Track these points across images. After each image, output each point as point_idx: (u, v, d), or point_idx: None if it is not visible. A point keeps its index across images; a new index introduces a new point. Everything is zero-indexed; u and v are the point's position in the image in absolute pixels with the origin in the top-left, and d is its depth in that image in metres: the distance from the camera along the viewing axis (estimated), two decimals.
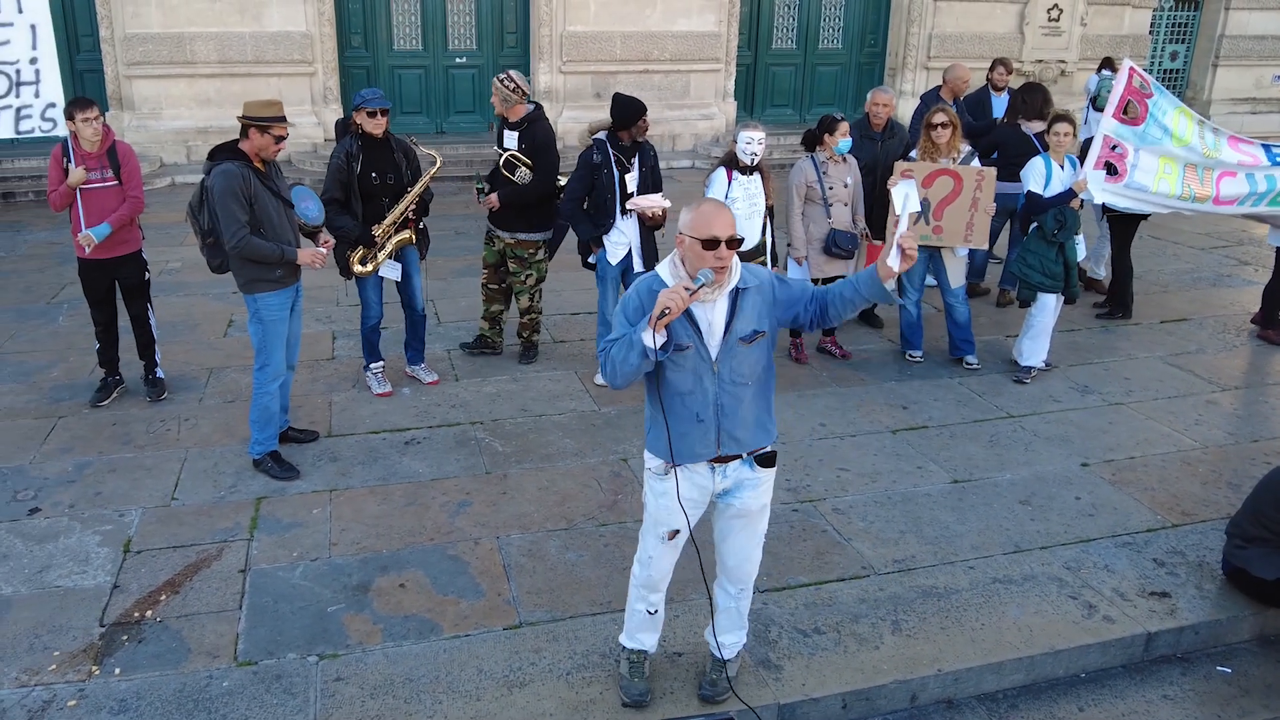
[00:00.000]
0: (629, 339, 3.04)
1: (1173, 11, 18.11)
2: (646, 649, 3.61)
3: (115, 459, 5.19)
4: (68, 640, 3.77)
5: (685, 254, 3.08)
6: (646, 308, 3.09)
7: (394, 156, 5.66)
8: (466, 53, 13.93)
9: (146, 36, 12.27)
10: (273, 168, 4.99)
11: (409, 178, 5.73)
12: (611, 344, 3.10)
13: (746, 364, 3.19)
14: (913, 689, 3.76)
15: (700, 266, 3.02)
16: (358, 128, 5.53)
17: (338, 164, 5.50)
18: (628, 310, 3.15)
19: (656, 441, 3.28)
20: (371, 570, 4.27)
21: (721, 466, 3.29)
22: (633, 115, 5.90)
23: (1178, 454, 5.51)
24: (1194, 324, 7.70)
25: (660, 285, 3.12)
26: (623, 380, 3.12)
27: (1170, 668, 4.02)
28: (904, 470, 5.24)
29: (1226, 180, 6.48)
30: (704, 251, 3.00)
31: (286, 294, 5.01)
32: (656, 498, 3.35)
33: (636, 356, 3.02)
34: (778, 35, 15.31)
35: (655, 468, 3.33)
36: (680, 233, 3.07)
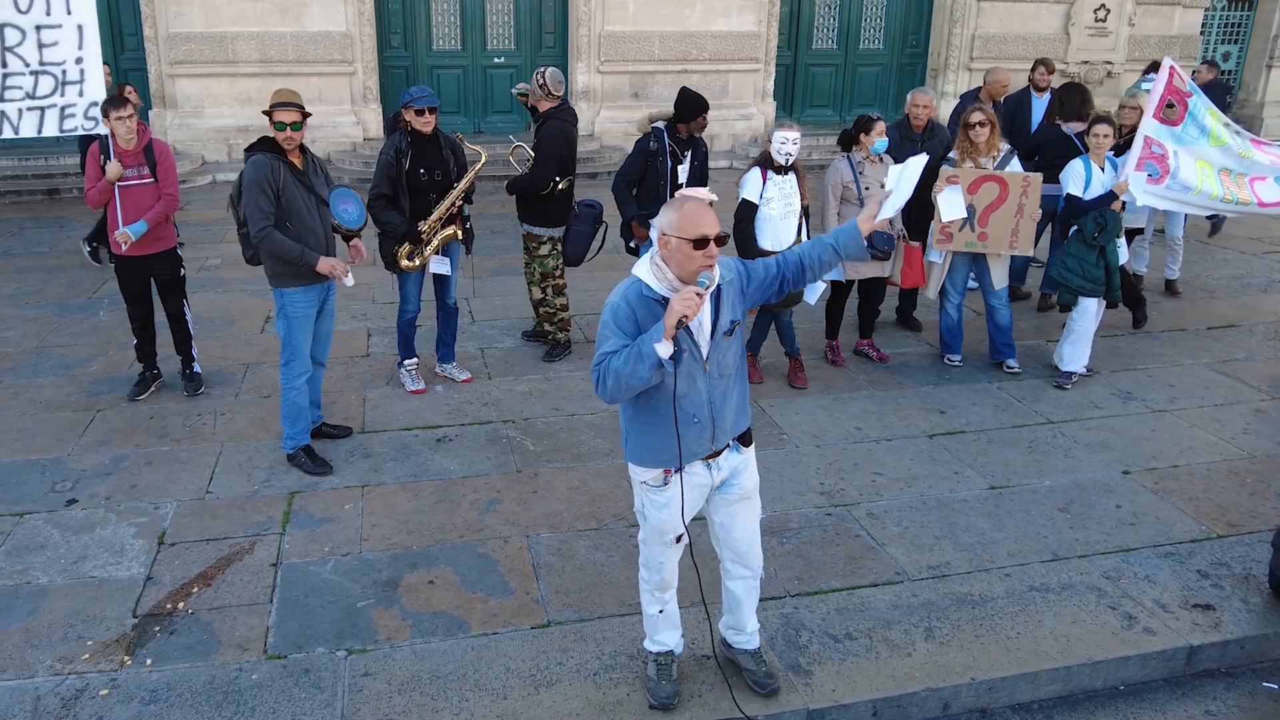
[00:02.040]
0: (636, 350, 2.91)
1: (1225, 11, 17.72)
2: (671, 649, 3.57)
3: (152, 452, 5.25)
4: (101, 630, 3.81)
5: (671, 255, 2.98)
6: (640, 317, 3.00)
7: (442, 153, 5.69)
8: (505, 52, 13.99)
9: (189, 36, 12.46)
10: (312, 164, 5.00)
11: (455, 174, 5.76)
12: (609, 357, 2.97)
13: (730, 356, 3.21)
14: (945, 697, 3.69)
15: (688, 267, 2.95)
16: (407, 125, 5.56)
17: (387, 160, 5.54)
18: (619, 321, 3.01)
19: (649, 452, 3.20)
20: (401, 566, 4.28)
21: (715, 460, 3.27)
22: (695, 110, 6.17)
23: (1224, 463, 5.36)
24: (1243, 330, 7.50)
25: (647, 291, 3.03)
26: (625, 394, 3.01)
27: (1214, 683, 3.90)
28: (940, 475, 5.15)
29: (1259, 184, 6.32)
30: (694, 251, 2.92)
31: (314, 291, 5.02)
32: (658, 510, 3.28)
33: (647, 369, 2.90)
34: (818, 35, 15.20)
35: (651, 479, 3.25)
36: (664, 233, 2.97)
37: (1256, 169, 6.36)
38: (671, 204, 3.06)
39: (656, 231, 3.01)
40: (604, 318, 3.08)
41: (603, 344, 3.03)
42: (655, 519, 3.31)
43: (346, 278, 5.00)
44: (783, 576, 4.24)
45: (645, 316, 3.01)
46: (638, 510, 3.41)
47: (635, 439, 3.24)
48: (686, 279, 2.97)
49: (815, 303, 6.21)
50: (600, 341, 3.05)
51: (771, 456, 5.28)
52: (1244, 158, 6.26)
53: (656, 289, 3.03)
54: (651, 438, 3.17)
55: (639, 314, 3.02)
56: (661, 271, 3.02)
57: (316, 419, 5.35)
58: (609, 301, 3.08)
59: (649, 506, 3.32)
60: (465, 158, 5.89)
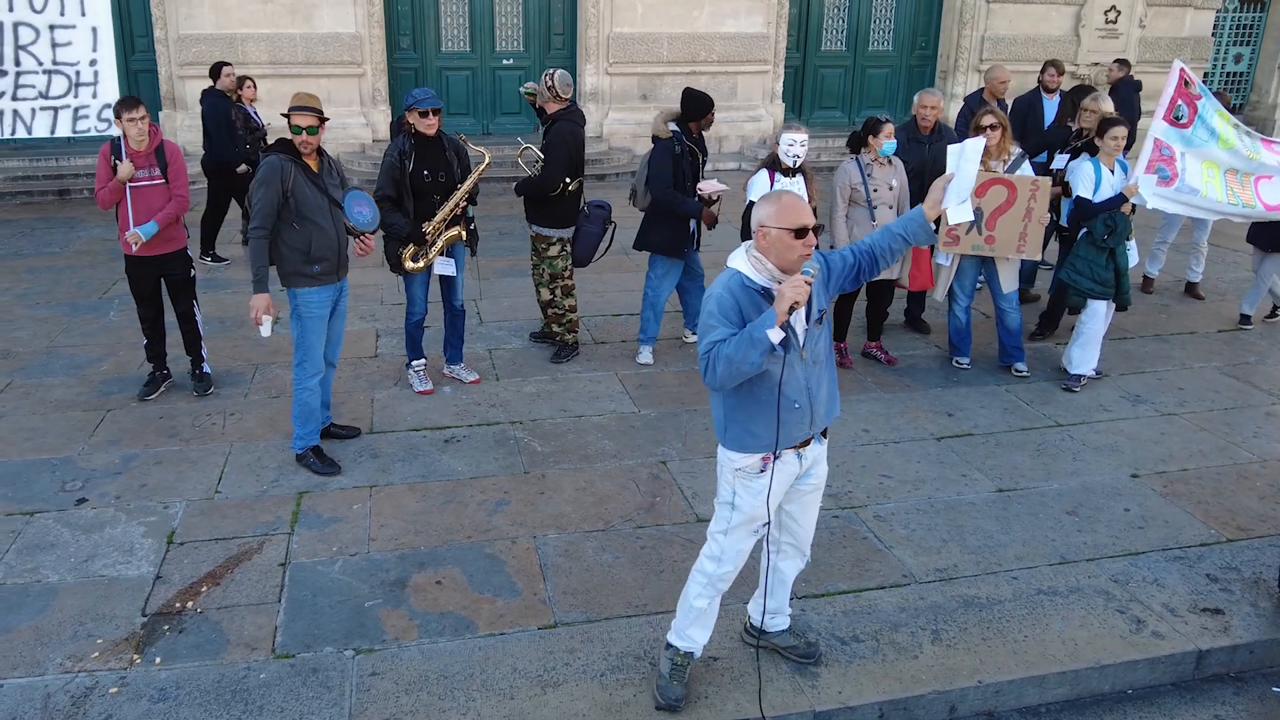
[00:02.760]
0: (747, 337, 3.01)
1: (1237, 13, 17.63)
2: (695, 650, 3.58)
3: (161, 452, 5.27)
4: (111, 629, 3.83)
5: (770, 245, 3.11)
6: (744, 306, 3.12)
7: (445, 155, 5.70)
8: (513, 54, 14.00)
9: (199, 37, 12.50)
10: (328, 167, 5.04)
11: (460, 175, 5.77)
12: (718, 344, 3.07)
13: (821, 344, 3.34)
14: (952, 700, 3.68)
15: (788, 256, 3.08)
16: (410, 127, 5.57)
17: (391, 162, 5.56)
18: (725, 310, 3.12)
19: (751, 439, 3.27)
20: (409, 566, 4.29)
21: (804, 450, 3.38)
22: (704, 108, 6.30)
23: (1234, 467, 5.34)
24: (1254, 333, 7.47)
25: (747, 282, 3.14)
26: (734, 380, 3.11)
27: (1223, 687, 3.88)
28: (948, 478, 5.14)
29: (1264, 184, 6.29)
30: (794, 241, 3.07)
31: (327, 292, 5.05)
32: (753, 496, 3.34)
33: (758, 355, 3.01)
34: (827, 37, 15.18)
35: (749, 466, 3.31)
36: (763, 225, 3.10)
37: (1262, 169, 6.33)
38: (769, 197, 3.17)
39: (754, 224, 3.13)
40: (708, 308, 3.16)
41: (709, 333, 3.12)
42: (749, 506, 3.36)
43: (263, 327, 5.01)
44: None
45: (749, 306, 3.12)
46: (725, 501, 3.41)
47: (736, 427, 3.30)
48: (786, 268, 3.10)
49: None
50: (706, 331, 3.14)
51: None
52: (1251, 159, 6.23)
53: (756, 279, 3.15)
54: (754, 424, 3.25)
55: (744, 305, 3.12)
56: (760, 263, 3.15)
57: (325, 420, 5.37)
58: (711, 293, 3.18)
59: (743, 494, 3.36)
60: (468, 159, 5.90)
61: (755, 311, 3.11)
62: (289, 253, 4.91)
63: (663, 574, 4.26)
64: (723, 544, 3.44)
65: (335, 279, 5.07)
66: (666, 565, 4.32)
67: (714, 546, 3.47)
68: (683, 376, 6.40)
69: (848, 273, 3.36)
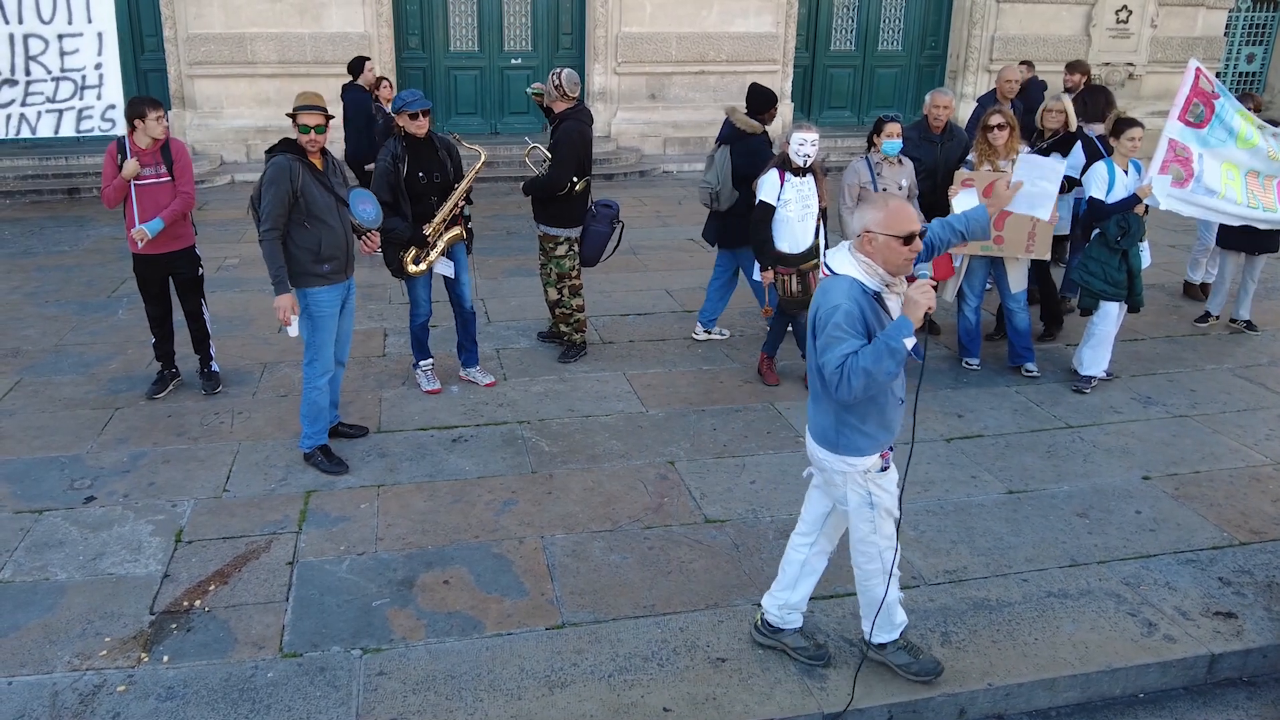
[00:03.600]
0: (885, 349, 3.02)
1: (1250, 12, 17.55)
2: (905, 625, 3.70)
3: (169, 450, 5.28)
4: (119, 627, 3.83)
5: (877, 250, 3.16)
6: (868, 315, 3.14)
7: (438, 155, 5.69)
8: (522, 54, 14.02)
9: (209, 37, 12.55)
10: (332, 165, 5.04)
11: (454, 175, 5.76)
12: (851, 357, 3.06)
13: None
14: (961, 703, 3.66)
15: (895, 260, 3.15)
16: (401, 130, 5.56)
17: (385, 166, 5.53)
18: (853, 322, 3.11)
19: (869, 441, 3.35)
20: (416, 566, 4.28)
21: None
22: (771, 102, 6.58)
23: (1246, 469, 5.30)
24: (1267, 335, 7.43)
25: (859, 288, 3.16)
26: (873, 391, 3.12)
27: (1235, 691, 3.85)
28: (957, 479, 5.12)
29: None
30: (901, 247, 3.12)
31: (337, 290, 5.05)
32: (888, 489, 3.45)
33: (897, 365, 3.04)
34: (836, 36, 15.17)
35: (873, 465, 3.39)
36: (869, 231, 3.15)
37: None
38: (874, 203, 3.22)
39: (858, 228, 3.19)
40: (834, 320, 3.12)
41: (837, 345, 3.10)
42: (886, 501, 3.45)
43: (290, 327, 4.97)
44: None
45: (869, 312, 3.17)
46: (862, 504, 3.45)
47: (850, 431, 3.34)
48: (894, 271, 3.18)
49: None
50: (832, 344, 3.11)
51: (788, 459, 5.26)
52: (1272, 159, 6.17)
53: (870, 284, 3.20)
54: (866, 425, 3.33)
55: (868, 313, 3.16)
56: (870, 267, 3.19)
57: (334, 419, 5.37)
58: (834, 304, 3.14)
59: (878, 492, 3.43)
60: (460, 158, 5.89)
61: (874, 317, 3.15)
62: (299, 253, 4.90)
63: (670, 575, 4.25)
64: (876, 542, 3.51)
65: (344, 277, 5.07)
66: (674, 566, 4.31)
67: (870, 548, 3.52)
68: (690, 377, 6.38)
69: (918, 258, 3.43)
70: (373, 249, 5.23)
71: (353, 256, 5.11)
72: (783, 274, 5.85)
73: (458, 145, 5.93)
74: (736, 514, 4.74)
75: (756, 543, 4.50)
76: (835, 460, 3.41)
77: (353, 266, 5.15)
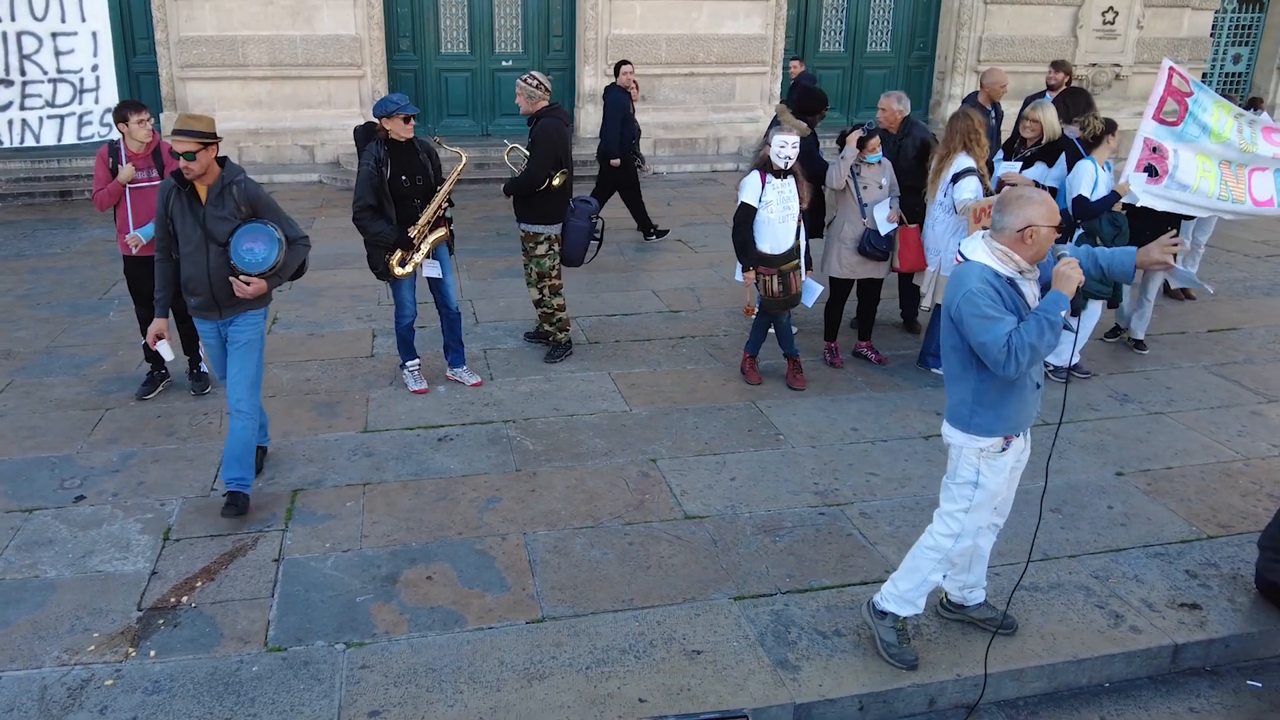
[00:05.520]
0: (1045, 322, 3.23)
1: (1236, 13, 17.67)
2: (918, 613, 3.84)
3: (159, 450, 5.35)
4: (107, 623, 3.91)
5: (1037, 242, 3.34)
6: (1004, 295, 3.34)
7: (420, 158, 5.76)
8: (513, 55, 14.09)
9: (200, 39, 12.60)
10: (223, 195, 4.45)
11: (434, 178, 5.84)
12: (1013, 334, 3.26)
13: None
14: (931, 693, 3.75)
15: (1045, 247, 3.36)
16: (385, 133, 5.63)
17: (369, 170, 5.58)
18: (997, 301, 3.31)
19: (999, 421, 3.51)
20: (400, 562, 4.36)
21: (1028, 431, 3.65)
22: (822, 103, 7.04)
23: (1217, 465, 5.40)
24: (1243, 334, 7.53)
25: (991, 273, 3.36)
26: (1037, 361, 3.33)
27: (1198, 680, 3.95)
28: (934, 476, 5.19)
29: (1258, 175, 6.31)
30: (1052, 234, 3.34)
31: (211, 325, 4.70)
32: (996, 475, 3.58)
33: (1057, 336, 3.25)
34: (825, 38, 15.26)
35: (991, 447, 3.54)
36: (1033, 225, 3.31)
37: (1257, 161, 6.34)
38: (1031, 200, 3.36)
39: (1021, 223, 3.32)
40: (978, 303, 3.31)
41: (994, 325, 3.29)
42: (992, 484, 3.59)
43: (163, 350, 4.73)
44: (774, 574, 4.31)
45: (1006, 295, 3.35)
46: (968, 481, 3.61)
47: (986, 411, 3.50)
48: (1037, 261, 3.39)
49: (813, 305, 6.27)
50: (987, 324, 3.29)
51: (768, 457, 5.35)
52: (1246, 150, 6.25)
53: (1003, 270, 3.38)
54: (1004, 407, 3.49)
55: (1004, 293, 3.35)
56: (1008, 256, 3.38)
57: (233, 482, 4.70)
58: (969, 289, 3.33)
59: (988, 473, 3.58)
60: (440, 161, 5.98)
61: (1009, 299, 3.34)
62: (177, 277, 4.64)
63: (649, 570, 4.33)
64: (964, 521, 3.66)
65: (215, 315, 4.63)
66: (653, 561, 4.40)
67: (954, 524, 3.68)
68: (675, 376, 6.47)
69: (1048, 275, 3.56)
70: (245, 293, 4.47)
71: (222, 299, 4.56)
72: (764, 274, 5.94)
73: (438, 148, 6.01)
74: (716, 510, 4.83)
75: (735, 538, 4.59)
76: (964, 438, 3.58)
77: (233, 308, 4.60)
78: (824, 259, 6.51)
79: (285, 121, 13.17)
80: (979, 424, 3.53)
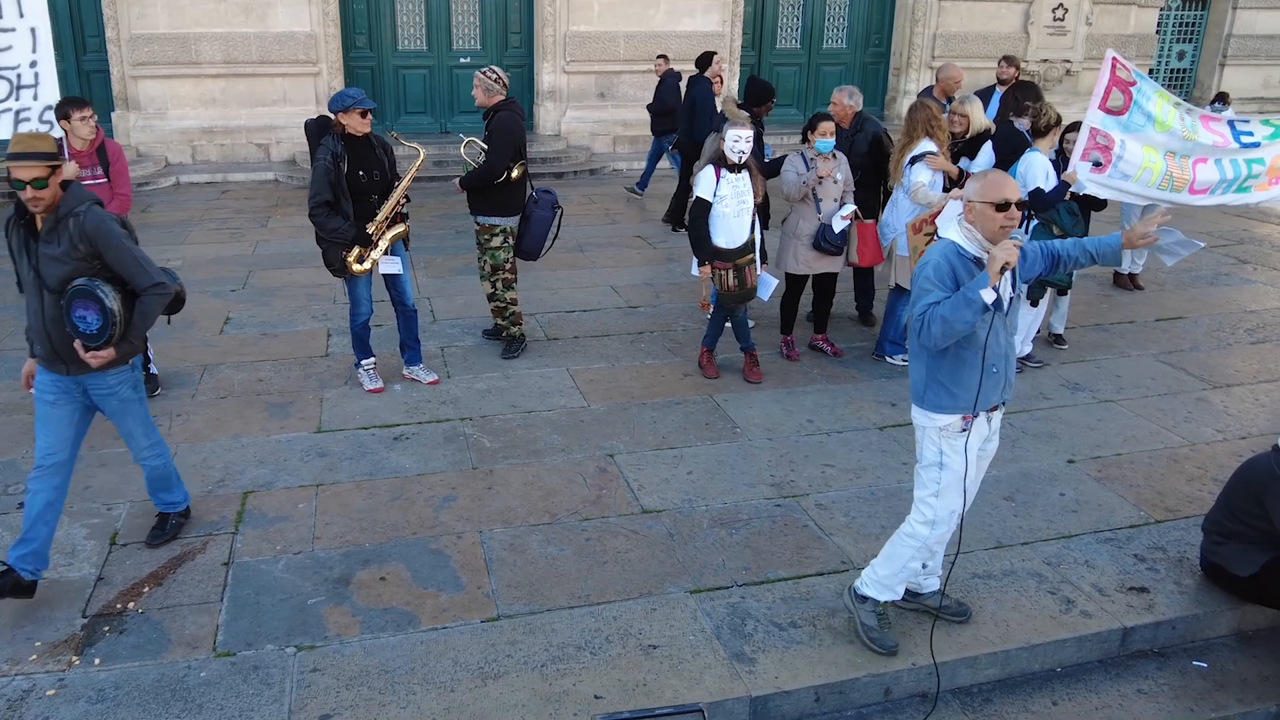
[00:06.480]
0: (963, 298, 3.27)
1: (1180, 11, 18.02)
2: (896, 599, 3.89)
3: (106, 454, 5.24)
4: (50, 631, 3.82)
5: (976, 218, 3.41)
6: (957, 270, 3.40)
7: (376, 153, 5.70)
8: (471, 53, 14.01)
9: (152, 37, 12.39)
10: (58, 228, 3.68)
11: (390, 173, 5.78)
12: (934, 306, 3.33)
13: (1015, 316, 3.65)
14: (886, 683, 3.77)
15: (990, 228, 3.37)
16: (341, 128, 5.56)
17: (325, 166, 5.51)
18: (940, 275, 3.39)
19: (951, 399, 3.54)
20: (353, 564, 4.31)
21: (993, 415, 3.67)
22: (768, 95, 7.44)
23: (1165, 451, 5.49)
24: (1189, 322, 7.67)
25: (962, 251, 3.43)
26: (947, 340, 3.36)
27: (1146, 662, 4.01)
28: (889, 466, 5.24)
29: (1200, 166, 6.41)
30: (995, 213, 3.35)
31: (57, 381, 3.95)
32: (959, 455, 3.58)
33: (972, 314, 3.27)
34: (782, 35, 15.33)
35: (950, 426, 3.57)
36: (969, 200, 3.42)
37: (1199, 150, 6.42)
38: (977, 176, 3.49)
39: (965, 199, 3.46)
40: (925, 274, 3.43)
41: (925, 296, 3.39)
42: (957, 465, 3.60)
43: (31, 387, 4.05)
44: (731, 567, 4.31)
45: (962, 273, 3.41)
46: (933, 463, 3.64)
47: (938, 388, 3.56)
48: (992, 239, 3.38)
49: (768, 299, 6.29)
50: (921, 295, 3.41)
51: (724, 450, 5.36)
52: (1188, 139, 6.34)
53: (968, 249, 3.44)
54: (956, 386, 3.52)
55: (957, 269, 3.41)
56: (971, 233, 3.44)
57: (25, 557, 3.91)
58: (927, 260, 3.45)
59: (950, 453, 3.60)
60: (396, 157, 5.92)
61: (968, 277, 3.38)
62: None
63: (606, 565, 4.32)
64: (935, 507, 3.68)
65: (64, 371, 3.89)
66: (610, 556, 4.38)
67: (927, 511, 3.70)
68: (633, 371, 6.46)
69: (1038, 265, 3.66)
70: (93, 362, 3.81)
71: (66, 354, 3.85)
72: (719, 269, 5.95)
73: (395, 143, 5.95)
74: (673, 504, 4.82)
75: (691, 531, 4.59)
76: (923, 417, 3.64)
77: (79, 367, 3.88)
78: (780, 255, 6.53)
79: (240, 120, 12.99)
80: (932, 400, 3.58)
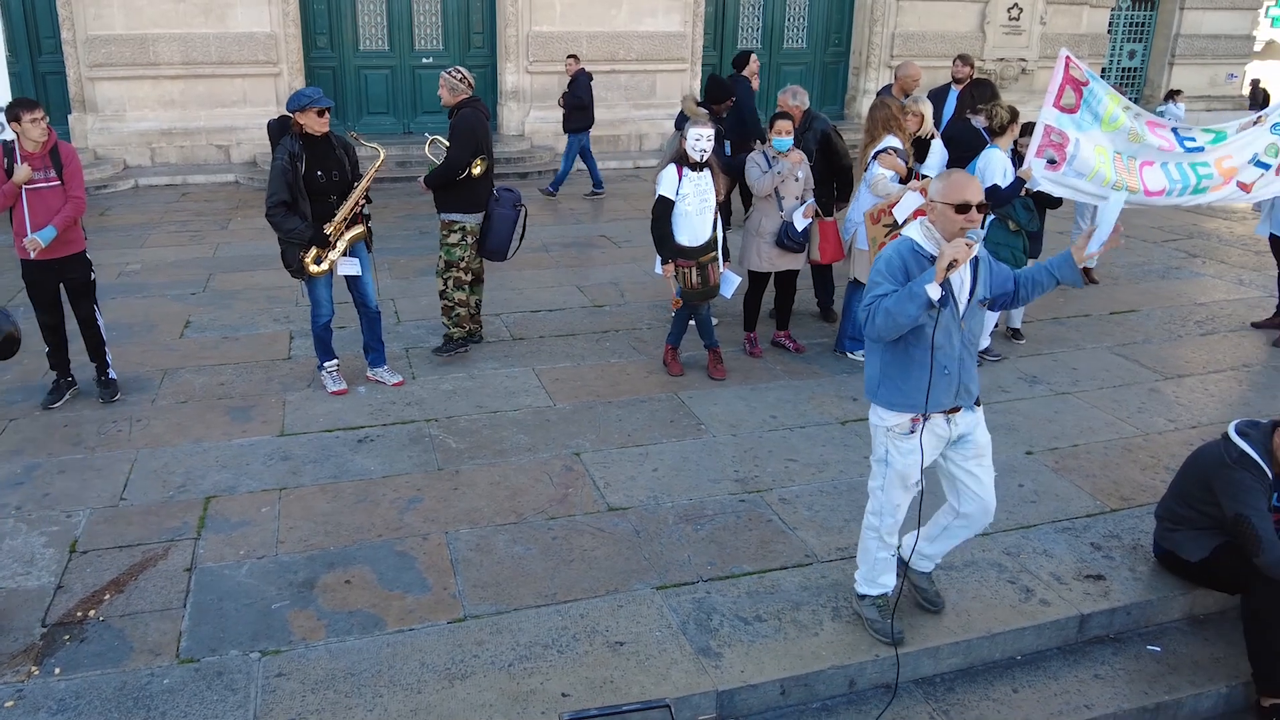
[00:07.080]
0: (908, 291, 3.29)
1: (1130, 11, 18.37)
2: (889, 590, 3.90)
3: (65, 460, 5.18)
4: (8, 641, 3.77)
5: (936, 219, 3.43)
6: (910, 266, 3.42)
7: (336, 153, 5.66)
8: (433, 53, 13.95)
9: (109, 38, 12.21)
10: None
11: (351, 174, 5.75)
12: (881, 298, 3.36)
13: (978, 324, 3.65)
14: (851, 675, 3.82)
15: (949, 229, 3.38)
16: (300, 128, 5.52)
17: (282, 165, 5.47)
18: (892, 269, 3.43)
19: (900, 397, 3.55)
20: (318, 567, 4.29)
21: (953, 416, 3.62)
22: (725, 94, 7.62)
23: (1119, 441, 5.61)
24: (1142, 315, 7.83)
25: (917, 248, 3.45)
26: (892, 332, 3.38)
27: (1103, 648, 4.10)
28: (851, 460, 5.31)
29: (1147, 170, 6.54)
30: (956, 215, 3.36)
31: None
32: (903, 456, 3.61)
33: (916, 308, 3.28)
34: (743, 35, 15.42)
35: (898, 425, 3.59)
36: (932, 200, 3.44)
37: (1146, 153, 6.54)
38: (940, 176, 3.55)
39: (929, 198, 3.48)
40: (877, 267, 3.48)
41: (874, 289, 3.43)
42: (900, 465, 3.63)
43: None
44: (696, 562, 4.35)
45: (915, 268, 3.42)
46: (879, 458, 3.70)
47: (888, 385, 3.58)
48: (949, 238, 3.38)
49: (731, 296, 6.34)
50: (871, 287, 3.45)
51: (689, 447, 5.40)
52: (1133, 141, 6.45)
53: (925, 246, 3.46)
54: (905, 384, 3.53)
55: (909, 266, 3.43)
56: (930, 232, 3.46)
57: None
58: (882, 255, 3.50)
59: (894, 453, 3.63)
60: (357, 157, 5.89)
61: (920, 273, 3.39)
62: None
63: (573, 563, 4.33)
64: (880, 500, 3.74)
65: None
66: (576, 554, 4.40)
67: (874, 502, 3.77)
68: (598, 370, 6.48)
69: (1004, 285, 3.67)
70: None
71: None
72: (683, 266, 5.99)
73: (356, 144, 5.92)
74: (639, 501, 4.85)
75: (657, 528, 4.62)
76: (872, 413, 3.68)
77: None
78: (743, 253, 6.58)
79: (199, 121, 12.84)
80: (884, 396, 3.61)
